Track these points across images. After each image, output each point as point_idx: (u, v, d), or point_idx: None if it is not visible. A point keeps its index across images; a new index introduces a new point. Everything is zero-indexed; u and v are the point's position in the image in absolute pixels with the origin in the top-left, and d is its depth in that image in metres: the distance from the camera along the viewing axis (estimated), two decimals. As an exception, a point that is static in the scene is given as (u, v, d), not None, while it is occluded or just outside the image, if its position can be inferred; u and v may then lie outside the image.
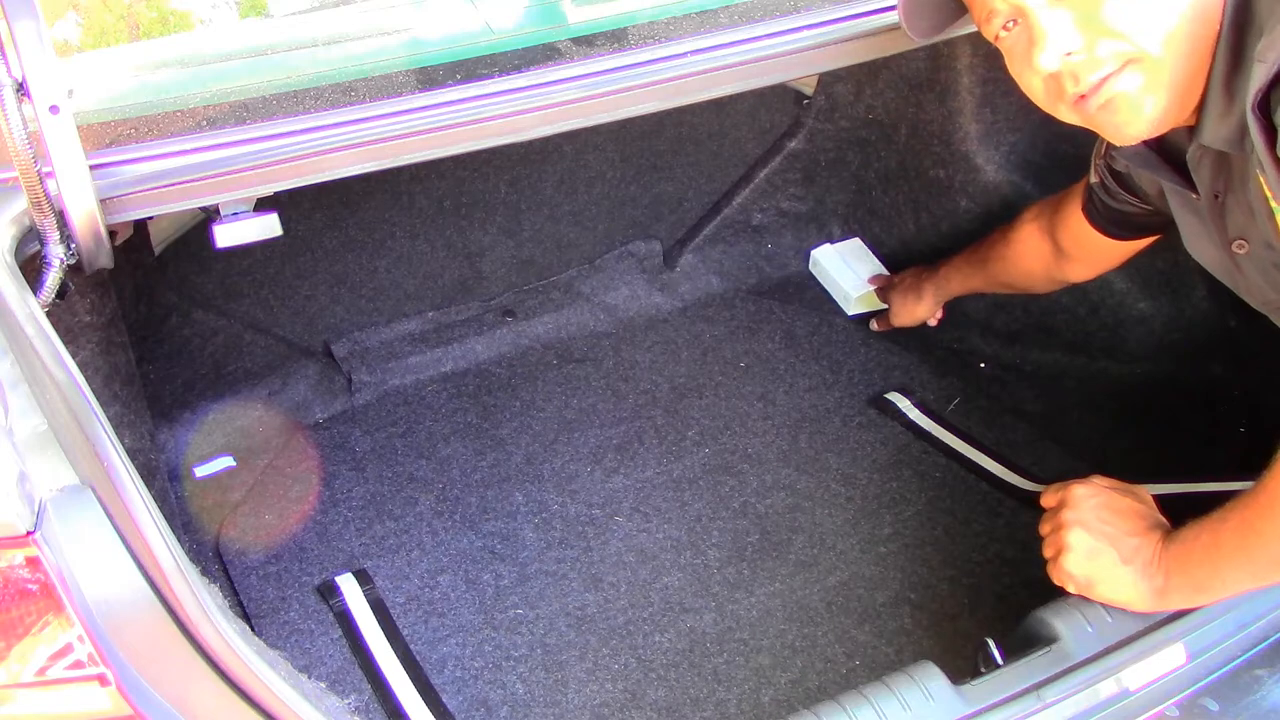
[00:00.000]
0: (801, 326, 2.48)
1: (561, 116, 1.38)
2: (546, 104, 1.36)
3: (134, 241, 1.85)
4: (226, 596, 1.77)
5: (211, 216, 1.32)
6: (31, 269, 1.20)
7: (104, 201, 1.19)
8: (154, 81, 1.45)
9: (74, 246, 1.20)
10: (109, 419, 1.03)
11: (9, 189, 1.17)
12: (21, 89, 1.10)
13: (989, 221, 2.28)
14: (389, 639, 1.78)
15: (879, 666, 1.71)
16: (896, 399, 2.25)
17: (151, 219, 1.50)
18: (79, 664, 1.00)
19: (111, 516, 1.00)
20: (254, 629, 1.79)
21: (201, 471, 2.12)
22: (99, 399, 1.04)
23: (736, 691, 1.69)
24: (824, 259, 2.60)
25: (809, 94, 2.48)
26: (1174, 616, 1.36)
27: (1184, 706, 1.32)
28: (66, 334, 1.47)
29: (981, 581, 1.84)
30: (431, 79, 1.40)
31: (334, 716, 1.10)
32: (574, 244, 2.53)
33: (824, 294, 2.58)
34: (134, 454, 1.70)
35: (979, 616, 1.78)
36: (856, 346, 2.40)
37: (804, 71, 1.54)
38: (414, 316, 2.43)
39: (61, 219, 1.18)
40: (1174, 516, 1.41)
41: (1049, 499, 1.50)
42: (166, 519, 1.03)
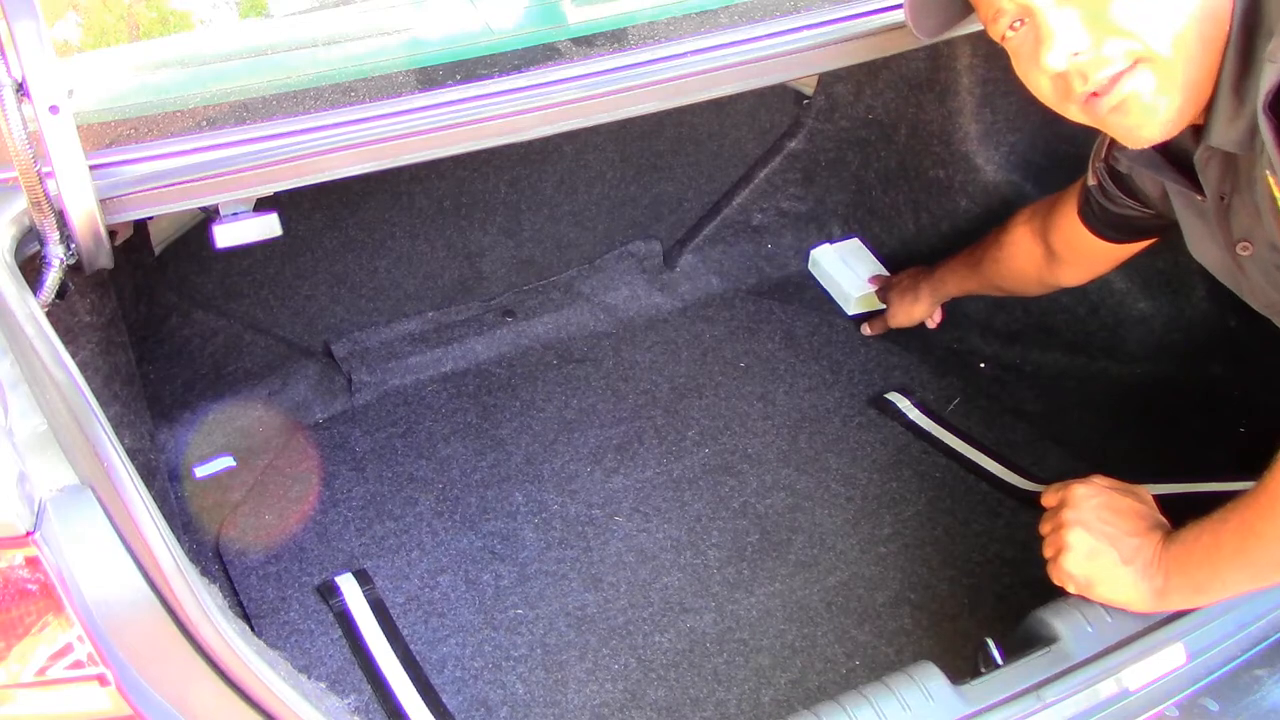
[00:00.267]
0: (801, 326, 2.48)
1: (561, 117, 1.38)
2: (546, 104, 1.36)
3: (134, 241, 1.85)
4: (226, 596, 1.77)
5: (211, 217, 1.32)
6: (31, 269, 1.20)
7: (104, 201, 1.19)
8: (154, 81, 1.45)
9: (74, 246, 1.20)
10: (109, 419, 1.03)
11: (9, 189, 1.17)
12: (21, 89, 1.10)
13: (989, 221, 2.27)
14: (389, 639, 1.78)
15: (879, 667, 1.71)
16: (896, 399, 2.25)
17: (151, 219, 1.50)
18: (79, 664, 1.00)
19: (111, 517, 1.00)
20: (254, 629, 1.79)
21: (201, 471, 2.12)
22: (99, 399, 1.04)
23: (736, 691, 1.69)
24: (823, 259, 2.60)
25: (809, 94, 2.48)
26: (1174, 617, 1.36)
27: (1184, 707, 1.32)
28: (66, 334, 1.47)
29: (981, 582, 1.84)
30: (431, 79, 1.40)
31: (334, 716, 1.10)
32: (574, 244, 2.53)
33: (824, 294, 2.58)
34: (134, 454, 1.70)
35: (979, 617, 1.78)
36: (856, 346, 2.40)
37: (804, 71, 1.54)
38: (414, 316, 2.43)
39: (61, 219, 1.17)
40: (1174, 516, 1.41)
41: (1049, 499, 1.50)
42: (166, 519, 1.03)
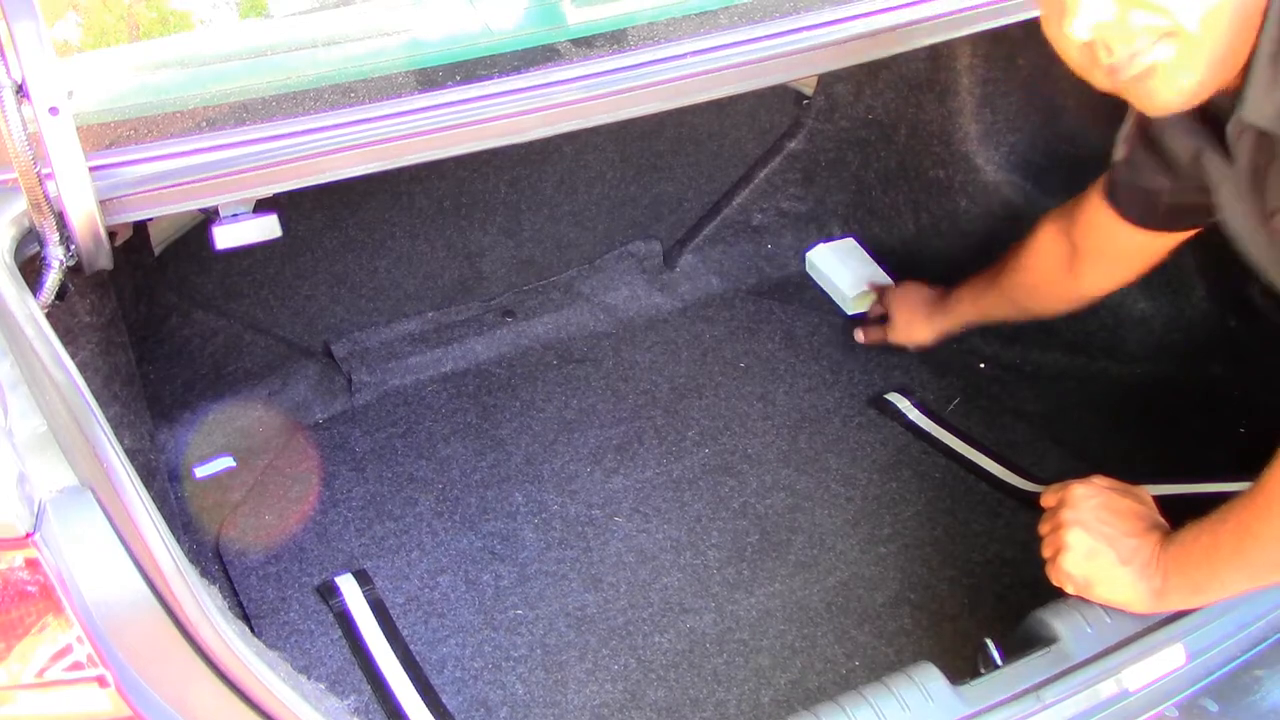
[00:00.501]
0: (801, 327, 2.48)
1: (561, 117, 1.38)
2: (546, 105, 1.36)
3: (134, 242, 1.85)
4: (226, 597, 1.77)
5: (211, 218, 1.32)
6: (31, 270, 1.20)
7: (104, 203, 1.19)
8: (154, 82, 1.45)
9: (74, 248, 1.20)
10: (109, 420, 1.03)
11: (9, 190, 1.17)
12: (21, 90, 1.10)
13: (989, 222, 2.28)
14: (389, 639, 1.78)
15: (878, 667, 1.71)
16: (896, 399, 2.25)
17: (151, 220, 1.50)
18: (78, 665, 1.00)
19: (111, 518, 1.00)
20: (254, 630, 1.79)
21: (201, 472, 2.12)
22: (99, 400, 1.04)
23: (736, 692, 1.70)
24: (819, 260, 2.60)
25: (809, 94, 2.48)
26: (1173, 617, 1.36)
27: (1183, 707, 1.32)
28: (66, 335, 1.47)
29: (981, 582, 1.84)
30: (431, 80, 1.40)
31: (334, 717, 1.10)
32: (574, 244, 2.53)
33: (823, 294, 2.58)
34: (134, 455, 1.70)
35: (978, 617, 1.78)
36: (856, 347, 2.40)
37: (804, 72, 1.54)
38: (414, 317, 2.43)
39: (61, 220, 1.17)
40: (1174, 517, 1.41)
41: (1049, 499, 1.50)
42: (166, 520, 1.03)
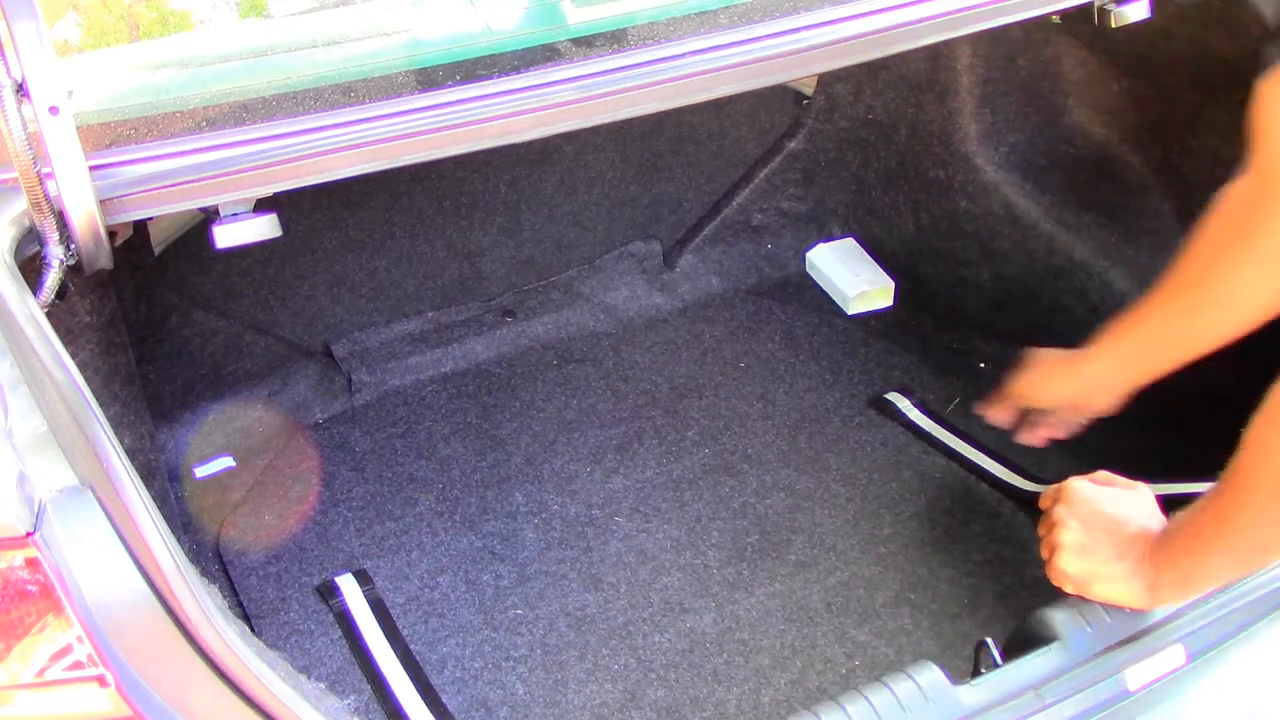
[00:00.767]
0: (801, 327, 2.48)
1: (561, 117, 1.37)
2: (546, 105, 1.36)
3: (134, 242, 1.85)
4: (226, 597, 1.77)
5: (211, 217, 1.32)
6: (31, 270, 1.19)
7: (104, 202, 1.19)
8: (154, 82, 1.45)
9: (73, 247, 1.20)
10: (109, 419, 1.03)
11: (8, 189, 1.17)
12: (21, 89, 1.10)
13: (989, 222, 2.27)
14: (389, 639, 1.78)
15: (879, 667, 1.71)
16: (896, 399, 2.25)
17: (151, 220, 1.50)
18: (78, 665, 0.99)
19: (111, 517, 1.00)
20: (254, 629, 1.79)
21: (201, 472, 2.12)
22: (99, 399, 1.04)
23: (736, 692, 1.70)
24: (819, 260, 2.60)
25: (809, 94, 2.48)
26: (1173, 616, 1.36)
27: (1183, 705, 1.32)
28: (66, 334, 1.47)
29: (981, 582, 1.84)
30: (431, 80, 1.40)
31: (333, 717, 1.10)
32: (574, 244, 2.53)
33: (824, 294, 2.58)
34: (134, 454, 1.70)
35: (979, 617, 1.78)
36: (856, 346, 2.40)
37: (804, 72, 1.54)
38: (414, 317, 2.43)
39: (61, 220, 1.17)
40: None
41: (1045, 499, 1.50)
42: (166, 520, 1.03)
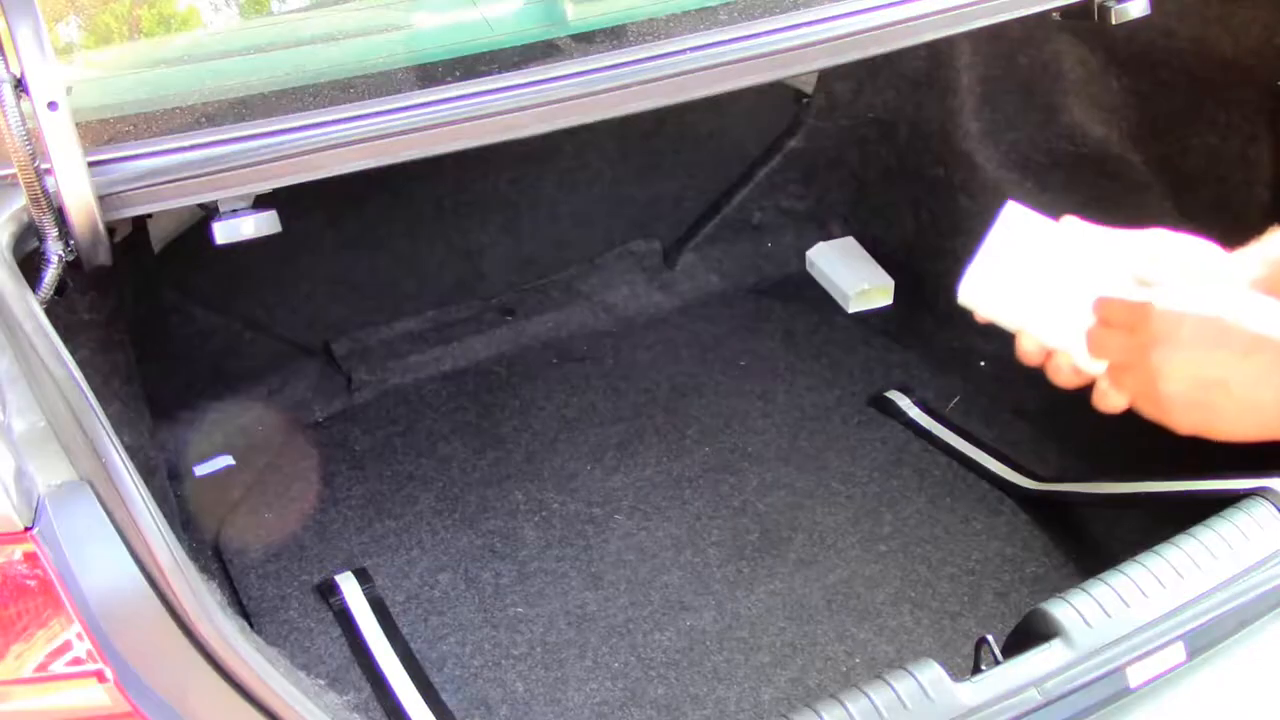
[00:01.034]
0: (801, 325, 2.48)
1: (561, 113, 1.37)
2: (546, 100, 1.36)
3: (134, 239, 1.85)
4: (225, 595, 1.77)
5: (211, 213, 1.32)
6: (30, 266, 1.19)
7: (102, 198, 1.19)
8: (153, 78, 1.45)
9: (72, 243, 1.20)
10: (108, 417, 1.03)
11: (8, 185, 1.17)
12: (20, 85, 1.10)
13: (989, 220, 2.27)
14: (388, 637, 1.78)
15: (879, 664, 1.71)
16: (896, 397, 2.25)
17: (150, 217, 1.50)
18: (78, 660, 0.99)
19: (110, 513, 1.00)
20: (253, 627, 1.79)
21: (201, 470, 2.12)
22: (98, 397, 1.04)
23: (736, 689, 1.69)
24: (819, 258, 2.60)
25: (809, 92, 2.48)
26: (1173, 613, 1.35)
27: (1183, 700, 1.32)
28: (65, 331, 1.46)
29: (981, 579, 1.83)
30: (431, 76, 1.39)
31: (332, 713, 1.10)
32: (574, 243, 2.53)
33: (824, 293, 2.58)
34: (133, 452, 1.69)
35: (979, 614, 1.77)
36: (856, 345, 2.40)
37: (804, 68, 1.54)
38: (414, 315, 2.43)
39: (60, 216, 1.17)
40: (1174, 516, 1.41)
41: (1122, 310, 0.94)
42: (166, 517, 1.03)
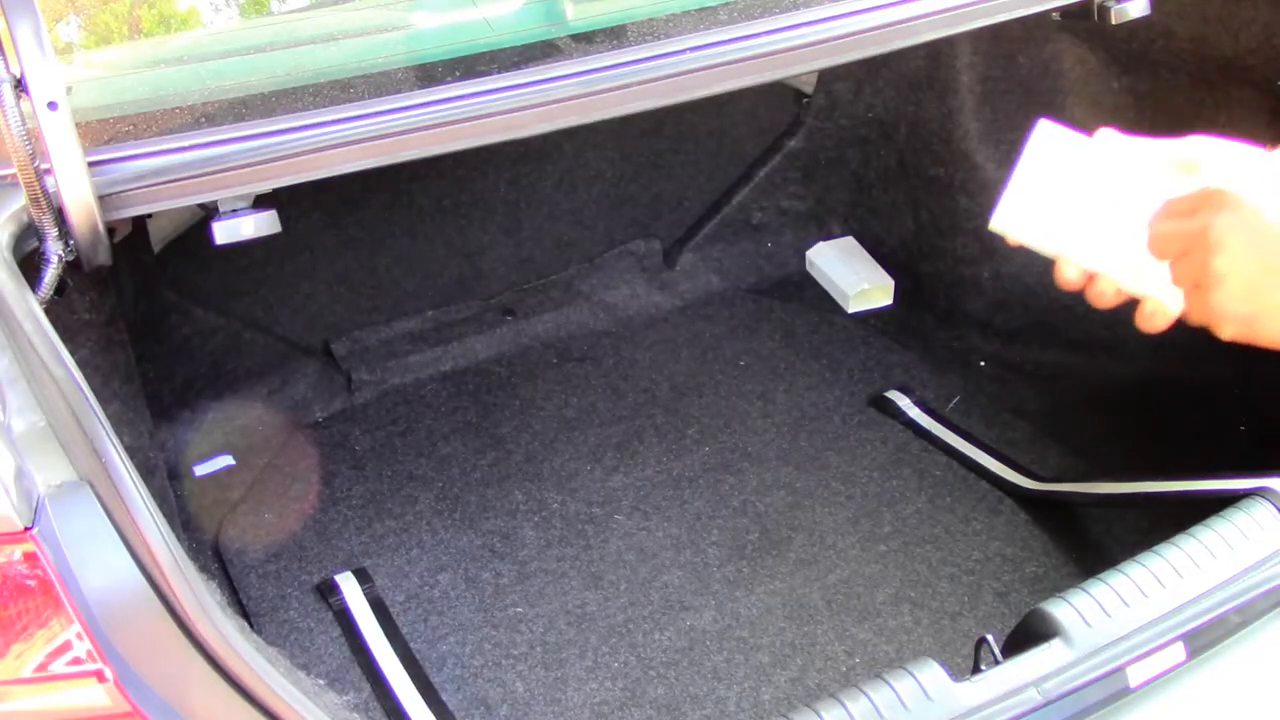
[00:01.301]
0: (801, 325, 2.48)
1: (561, 113, 1.37)
2: (546, 100, 1.36)
3: (134, 239, 1.85)
4: (225, 595, 1.77)
5: (210, 213, 1.32)
6: (30, 266, 1.19)
7: (102, 198, 1.19)
8: (153, 78, 1.45)
9: (72, 243, 1.20)
10: (108, 417, 1.03)
11: (7, 185, 1.17)
12: (20, 85, 1.10)
13: (989, 220, 2.27)
14: (388, 637, 1.78)
15: (879, 664, 1.71)
16: (896, 397, 2.25)
17: (150, 216, 1.50)
18: (77, 660, 0.99)
19: (110, 513, 1.00)
20: (253, 627, 1.79)
21: (201, 470, 2.12)
22: (98, 397, 1.04)
23: (736, 689, 1.69)
24: (819, 258, 2.60)
25: (809, 92, 2.48)
26: (1173, 612, 1.35)
27: (1183, 700, 1.32)
28: (65, 331, 1.47)
29: (981, 579, 1.83)
30: (431, 76, 1.39)
31: (332, 713, 1.10)
32: (574, 243, 2.53)
33: (824, 292, 2.58)
34: (133, 452, 1.69)
35: (979, 614, 1.77)
36: (856, 345, 2.40)
37: (804, 68, 1.54)
38: (414, 315, 2.43)
39: (60, 215, 1.17)
40: (1173, 516, 1.41)
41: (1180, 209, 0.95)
42: (165, 517, 1.03)
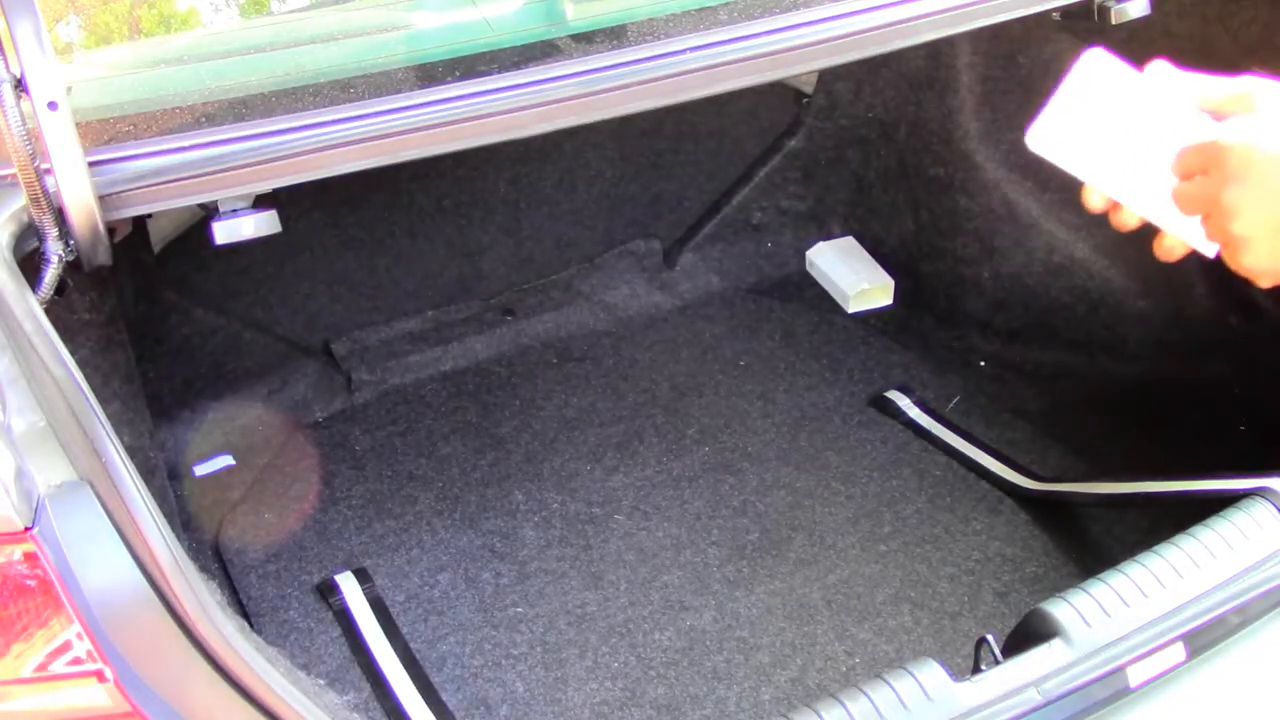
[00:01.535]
0: (801, 325, 2.48)
1: (561, 113, 1.37)
2: (546, 100, 1.36)
3: (134, 240, 1.85)
4: (225, 595, 1.77)
5: (210, 213, 1.32)
6: (30, 266, 1.19)
7: (102, 198, 1.19)
8: (153, 78, 1.45)
9: (72, 243, 1.20)
10: (108, 417, 1.03)
11: (7, 185, 1.17)
12: (20, 85, 1.10)
13: (989, 220, 2.28)
14: (388, 637, 1.78)
15: (879, 664, 1.71)
16: (896, 397, 2.25)
17: (150, 216, 1.50)
18: (77, 660, 0.99)
19: (110, 513, 1.00)
20: (253, 627, 1.79)
21: (201, 470, 2.12)
22: (98, 397, 1.04)
23: (736, 689, 1.69)
24: (819, 258, 2.60)
25: (809, 92, 2.48)
26: (1173, 612, 1.35)
27: (1183, 700, 1.32)
28: (65, 331, 1.47)
29: (981, 579, 1.83)
30: (431, 76, 1.39)
31: (332, 713, 1.10)
32: (573, 243, 2.53)
33: (824, 293, 2.58)
34: (133, 452, 1.69)
35: (979, 614, 1.77)
36: (856, 345, 2.40)
37: (804, 68, 1.54)
38: (413, 315, 2.43)
39: (60, 215, 1.17)
40: (1173, 516, 1.41)
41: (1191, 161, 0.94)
42: (166, 517, 1.03)
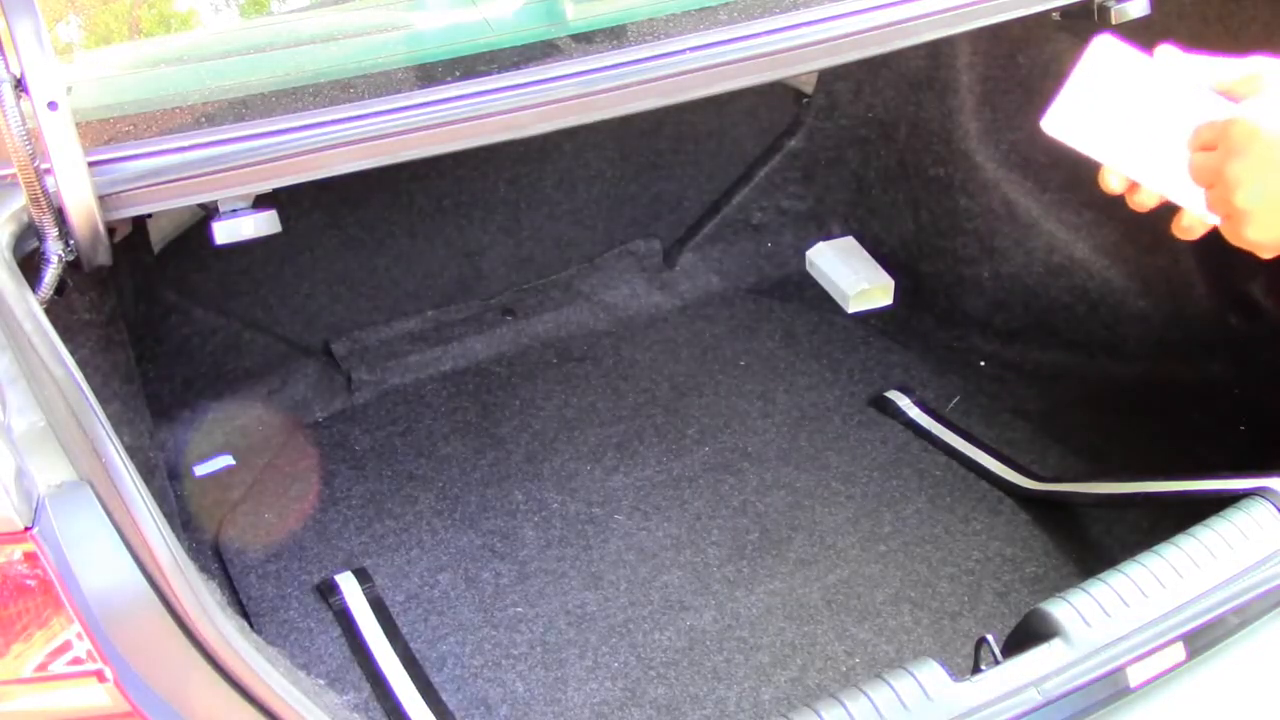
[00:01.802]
0: (801, 325, 2.48)
1: (561, 113, 1.37)
2: (546, 100, 1.36)
3: (134, 240, 1.85)
4: (225, 595, 1.77)
5: (210, 213, 1.32)
6: (30, 266, 1.19)
7: (102, 198, 1.19)
8: (153, 78, 1.45)
9: (72, 243, 1.20)
10: (108, 417, 1.03)
11: (7, 185, 1.17)
12: (20, 85, 1.10)
13: (989, 220, 2.28)
14: (388, 637, 1.78)
15: (879, 664, 1.71)
16: (896, 397, 2.25)
17: (150, 216, 1.50)
18: (77, 660, 0.99)
19: (110, 513, 1.00)
20: (253, 627, 1.79)
21: (201, 470, 2.12)
22: (98, 397, 1.04)
23: (736, 689, 1.69)
24: (819, 258, 2.60)
25: (809, 92, 2.48)
26: (1173, 612, 1.35)
27: (1183, 700, 1.32)
28: (65, 331, 1.47)
29: (981, 579, 1.83)
30: (430, 76, 1.39)
31: (332, 713, 1.10)
32: (573, 243, 2.53)
33: (824, 293, 2.58)
34: (133, 452, 1.69)
35: (979, 614, 1.77)
36: (856, 345, 2.40)
37: (804, 68, 1.54)
38: (413, 315, 2.43)
39: (60, 215, 1.17)
40: (1173, 516, 1.41)
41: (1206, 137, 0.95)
42: (165, 517, 1.03)
